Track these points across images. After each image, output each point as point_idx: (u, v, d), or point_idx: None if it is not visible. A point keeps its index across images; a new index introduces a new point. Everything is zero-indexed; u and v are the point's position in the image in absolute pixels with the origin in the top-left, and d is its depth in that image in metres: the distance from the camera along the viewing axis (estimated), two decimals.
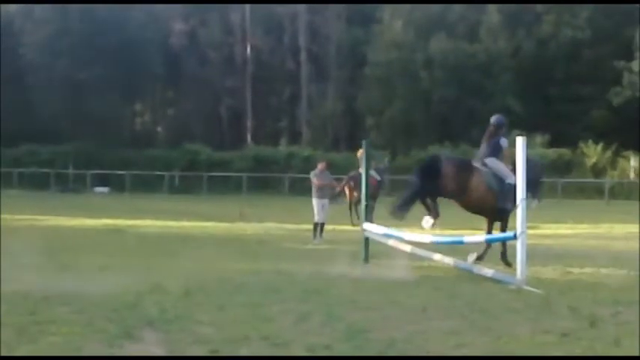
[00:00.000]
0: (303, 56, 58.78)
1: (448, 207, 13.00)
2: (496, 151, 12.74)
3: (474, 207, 12.83)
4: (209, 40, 58.38)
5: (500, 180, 12.52)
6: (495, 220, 12.96)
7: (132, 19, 54.27)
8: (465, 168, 12.66)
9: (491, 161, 12.68)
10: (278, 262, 13.20)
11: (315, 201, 17.87)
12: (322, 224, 17.70)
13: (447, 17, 55.74)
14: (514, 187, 11.06)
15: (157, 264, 12.87)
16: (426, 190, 12.58)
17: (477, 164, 12.76)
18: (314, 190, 17.99)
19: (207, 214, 22.98)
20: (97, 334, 7.47)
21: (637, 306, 8.90)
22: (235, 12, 59.10)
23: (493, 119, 13.05)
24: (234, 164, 50.16)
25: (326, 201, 18.02)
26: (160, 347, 7.07)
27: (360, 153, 21.12)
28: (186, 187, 47.84)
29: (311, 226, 17.93)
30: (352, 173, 22.77)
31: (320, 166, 18.52)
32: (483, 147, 12.95)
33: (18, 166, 49.44)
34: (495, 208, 12.61)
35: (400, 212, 12.81)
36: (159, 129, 66.93)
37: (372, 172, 28.34)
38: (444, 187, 12.47)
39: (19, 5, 56.82)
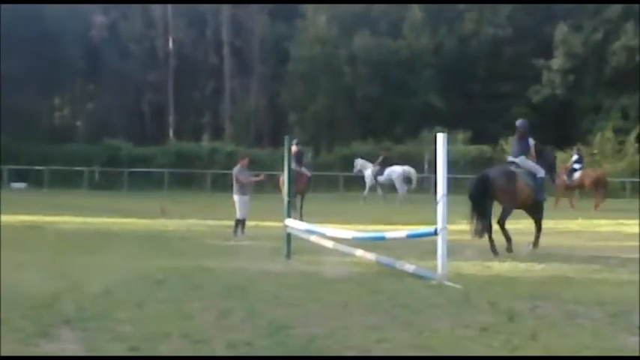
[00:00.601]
0: (226, 50, 58.46)
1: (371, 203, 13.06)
2: (525, 150, 14.91)
3: (520, 205, 14.63)
4: (130, 34, 57.66)
5: (533, 176, 14.63)
6: (534, 211, 14.83)
7: (51, 10, 53.12)
8: (510, 177, 14.46)
9: (522, 160, 14.75)
10: (200, 258, 13.11)
11: (236, 197, 17.84)
12: (243, 220, 17.66)
13: (370, 14, 56.12)
14: (543, 179, 14.76)
15: (76, 261, 12.66)
16: (486, 207, 14.26)
17: (511, 166, 14.74)
18: (236, 186, 17.96)
19: (128, 210, 22.69)
20: (12, 332, 7.32)
21: (554, 300, 9.11)
22: (157, 5, 58.48)
23: (519, 123, 15.32)
24: (156, 160, 49.61)
25: (247, 197, 17.99)
26: (77, 345, 6.95)
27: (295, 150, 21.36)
28: (107, 182, 47.12)
29: (233, 223, 17.84)
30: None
31: (242, 162, 18.47)
32: (514, 146, 15.34)
33: None
34: (534, 201, 14.63)
35: (483, 233, 14.18)
36: (78, 123, 65.76)
37: (304, 169, 28.54)
38: (500, 198, 14.39)
39: None
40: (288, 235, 13.76)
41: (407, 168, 34.72)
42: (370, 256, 11.96)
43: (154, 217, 22.29)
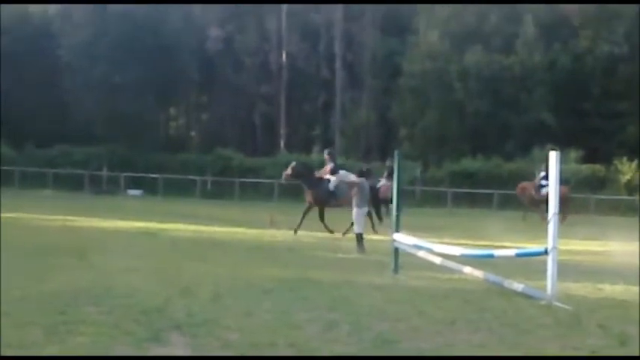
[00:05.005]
0: (337, 64, 58.76)
1: (480, 220, 12.93)
2: None
3: None
4: (245, 47, 58.60)
5: None
6: None
7: (169, 23, 54.57)
8: None
9: None
10: (307, 269, 13.19)
11: (355, 210, 17.81)
12: (361, 234, 17.50)
13: (482, 29, 55.52)
14: None
15: (187, 268, 12.93)
16: None
17: None
18: (354, 199, 17.89)
19: (238, 219, 23.04)
20: (124, 336, 7.53)
21: None
22: (271, 18, 59.33)
23: None
24: (266, 171, 50.18)
25: (365, 209, 17.97)
26: (186, 351, 7.10)
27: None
28: (219, 192, 48.00)
29: (338, 235, 17.89)
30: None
31: (356, 175, 18.54)
32: None
33: (52, 167, 49.83)
34: None
35: None
36: (193, 133, 67.28)
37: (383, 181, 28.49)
38: None
39: (58, 7, 57.43)
40: (396, 250, 13.73)
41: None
42: (478, 273, 11.83)
43: (263, 228, 22.56)
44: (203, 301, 9.59)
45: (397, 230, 13.99)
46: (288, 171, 23.33)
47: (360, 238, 17.33)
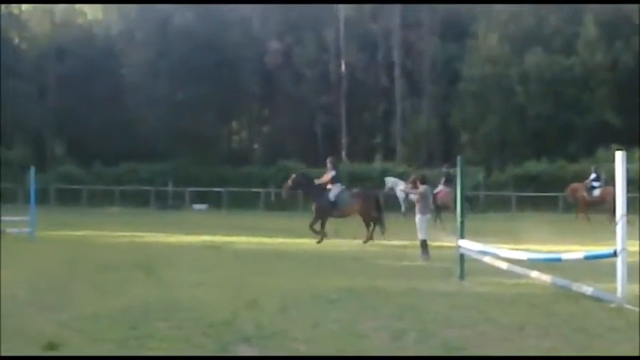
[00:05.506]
0: (396, 72, 58.67)
1: (546, 223, 12.80)
2: None
3: None
4: (304, 58, 58.86)
5: None
6: None
7: (228, 39, 55.18)
8: None
9: None
10: (372, 278, 13.20)
11: (418, 217, 17.78)
12: (425, 240, 17.49)
13: (542, 31, 54.93)
14: None
15: (253, 280, 13.03)
16: None
17: None
18: (417, 206, 17.87)
19: (302, 230, 23.09)
20: (194, 349, 7.64)
21: None
22: (329, 29, 59.52)
23: None
24: None
25: (428, 216, 17.94)
26: None
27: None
28: (282, 203, 48.15)
29: (405, 242, 17.86)
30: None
31: (417, 182, 18.49)
32: None
33: (119, 184, 50.69)
34: None
35: None
36: (255, 146, 67.78)
37: (440, 187, 28.43)
38: None
39: (120, 28, 58.56)
40: (461, 256, 13.66)
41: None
42: (546, 277, 11.70)
43: (328, 238, 22.62)
44: (270, 313, 9.66)
45: (462, 236, 13.91)
46: (289, 182, 23.43)
47: (424, 244, 17.30)
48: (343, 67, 59.26)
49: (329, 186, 22.82)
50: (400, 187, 35.68)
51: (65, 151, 62.11)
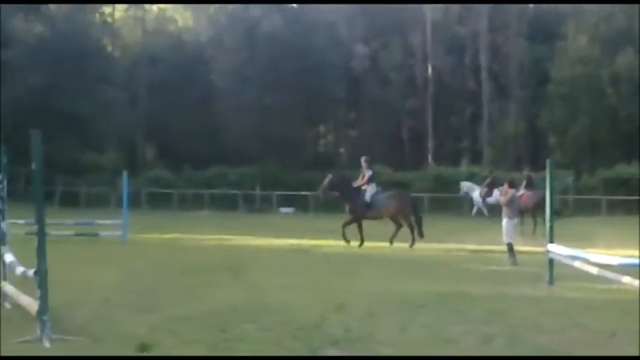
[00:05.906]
0: (484, 75, 58.15)
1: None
2: None
3: None
4: (390, 63, 58.78)
5: None
6: None
7: (315, 44, 55.51)
8: None
9: None
10: (459, 283, 13.17)
11: (505, 221, 17.64)
12: (511, 244, 17.33)
13: (633, 31, 53.72)
14: None
15: (341, 284, 13.12)
16: None
17: None
18: (504, 210, 17.71)
19: (388, 234, 23.07)
20: (284, 351, 7.76)
21: None
22: (416, 33, 59.35)
23: None
24: (414, 184, 49.98)
25: (515, 220, 17.80)
26: None
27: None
28: None
29: (492, 247, 17.75)
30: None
31: (505, 185, 18.33)
32: None
33: (208, 188, 51.40)
34: None
35: None
36: (341, 150, 67.96)
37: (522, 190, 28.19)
38: None
39: (210, 35, 59.55)
40: (551, 261, 13.50)
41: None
42: (638, 283, 11.48)
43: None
44: (358, 317, 9.74)
45: (551, 241, 13.75)
46: (325, 183, 23.37)
47: (510, 248, 17.16)
48: (430, 70, 59.03)
49: (364, 187, 22.79)
50: (476, 192, 35.71)
51: (156, 156, 63.38)
